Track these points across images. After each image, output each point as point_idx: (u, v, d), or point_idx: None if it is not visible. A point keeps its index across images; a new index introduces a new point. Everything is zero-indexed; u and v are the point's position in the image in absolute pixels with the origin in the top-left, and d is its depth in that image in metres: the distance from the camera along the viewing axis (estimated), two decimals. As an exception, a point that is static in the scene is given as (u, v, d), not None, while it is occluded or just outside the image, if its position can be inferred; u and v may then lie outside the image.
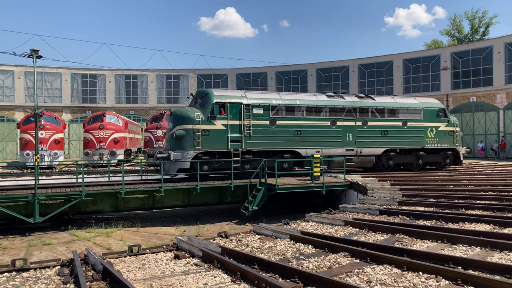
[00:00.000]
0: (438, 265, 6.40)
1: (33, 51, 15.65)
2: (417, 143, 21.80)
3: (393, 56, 42.06)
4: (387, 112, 21.39)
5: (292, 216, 14.58)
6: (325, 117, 20.02)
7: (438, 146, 22.28)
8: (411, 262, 6.65)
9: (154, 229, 15.57)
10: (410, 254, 7.17)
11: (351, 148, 20.39)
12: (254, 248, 8.59)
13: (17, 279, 6.82)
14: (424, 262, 6.61)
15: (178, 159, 17.36)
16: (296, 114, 19.45)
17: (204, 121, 17.68)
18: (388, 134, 21.18)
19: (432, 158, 22.42)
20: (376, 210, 12.00)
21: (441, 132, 22.39)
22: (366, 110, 20.90)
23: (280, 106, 19.12)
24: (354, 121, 20.54)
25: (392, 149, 21.34)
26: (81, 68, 45.57)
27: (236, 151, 18.12)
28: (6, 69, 43.14)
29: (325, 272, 6.64)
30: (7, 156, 40.95)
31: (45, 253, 12.04)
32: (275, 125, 18.93)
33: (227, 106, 18.10)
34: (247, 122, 18.31)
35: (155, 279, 6.66)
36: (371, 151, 20.77)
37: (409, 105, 21.97)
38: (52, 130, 27.90)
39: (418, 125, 21.93)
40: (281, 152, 19.11)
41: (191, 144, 17.48)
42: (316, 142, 19.61)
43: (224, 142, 17.97)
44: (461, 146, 23.20)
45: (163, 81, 48.22)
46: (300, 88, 45.44)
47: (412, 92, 40.27)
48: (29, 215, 14.72)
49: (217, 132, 17.88)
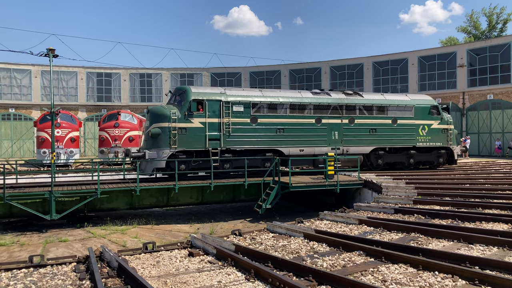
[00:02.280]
0: (455, 265, 6.32)
1: (50, 50, 15.87)
2: (407, 142, 21.02)
3: (408, 53, 41.60)
4: (376, 110, 20.65)
5: (305, 214, 14.56)
6: (310, 114, 19.35)
7: (431, 144, 21.51)
8: (427, 261, 6.58)
9: (169, 227, 15.67)
10: (425, 253, 7.09)
11: (337, 146, 19.73)
12: (268, 246, 8.59)
13: (34, 275, 6.92)
14: (440, 261, 6.53)
15: (154, 158, 16.95)
16: (279, 111, 18.84)
17: (180, 119, 17.18)
18: (376, 132, 20.48)
19: (425, 157, 21.65)
20: (391, 208, 11.91)
21: (433, 130, 21.61)
22: (353, 107, 20.17)
23: (262, 103, 18.53)
24: (340, 119, 19.86)
25: (381, 148, 20.63)
26: (96, 67, 46.00)
27: (215, 150, 17.59)
28: (24, 68, 43.78)
29: (339, 270, 6.61)
30: (24, 154, 41.59)
31: (61, 249, 12.20)
32: (256, 123, 18.36)
33: (205, 103, 17.55)
34: (227, 120, 17.76)
35: (169, 276, 6.70)
36: (359, 150, 19.97)
37: (399, 102, 21.25)
38: (68, 128, 28.25)
39: (409, 122, 21.17)
40: (262, 151, 18.56)
41: (167, 143, 17.00)
42: (300, 141, 19.05)
43: (202, 141, 17.47)
44: (455, 145, 22.42)
45: (177, 80, 48.44)
46: (314, 85, 45.24)
47: (427, 90, 39.81)
48: (46, 212, 14.93)
49: (194, 131, 17.38)
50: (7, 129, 42.37)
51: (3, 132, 42.20)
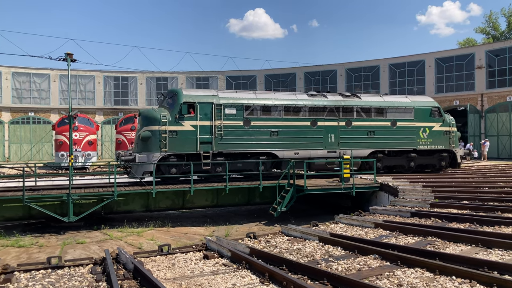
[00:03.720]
0: (472, 270, 6.23)
1: (68, 55, 16.09)
2: (407, 144, 20.48)
3: (425, 55, 41.15)
4: (374, 112, 20.17)
5: (321, 217, 14.48)
6: (305, 117, 18.98)
7: (432, 147, 20.99)
8: (444, 265, 6.49)
9: (184, 229, 15.74)
10: (442, 258, 6.99)
11: (334, 149, 19.27)
12: (282, 249, 8.58)
13: (52, 276, 7.03)
14: (457, 266, 6.44)
15: (144, 161, 16.68)
16: (273, 114, 18.51)
17: (171, 121, 16.94)
18: (375, 135, 20.04)
19: (426, 160, 21.10)
20: (407, 212, 11.78)
21: (435, 132, 21.03)
22: (350, 109, 19.72)
23: (255, 106, 18.21)
24: (337, 121, 19.42)
25: (380, 151, 20.11)
26: (113, 71, 46.58)
27: (207, 154, 17.31)
28: (43, 73, 44.59)
29: (354, 274, 6.56)
30: (43, 157, 42.28)
31: (78, 251, 12.36)
32: (249, 126, 18.03)
33: (196, 106, 17.30)
34: (219, 122, 17.50)
35: (184, 279, 6.74)
36: (356, 153, 19.32)
37: (399, 104, 20.72)
38: (85, 131, 28.67)
39: (409, 125, 20.63)
40: (256, 154, 18.23)
41: (157, 146, 16.74)
42: (295, 144, 18.66)
43: (193, 144, 17.17)
44: (458, 148, 21.79)
45: (193, 83, 48.74)
46: (329, 88, 45.06)
47: (444, 92, 39.33)
48: (63, 214, 15.15)
49: (185, 134, 17.10)
50: (26, 133, 43.16)
51: (23, 135, 43.00)
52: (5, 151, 42.28)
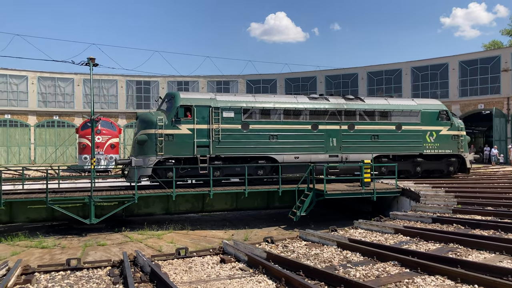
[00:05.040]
0: (496, 278, 6.04)
1: (90, 60, 16.39)
2: (413, 149, 19.94)
3: (449, 58, 40.41)
4: (378, 115, 19.71)
5: (340, 222, 14.33)
6: (305, 120, 18.69)
7: (439, 152, 20.27)
8: (466, 273, 6.32)
9: (204, 232, 15.80)
10: (464, 265, 6.81)
11: (335, 154, 18.93)
12: (300, 254, 8.50)
13: (71, 278, 7.13)
14: (480, 274, 6.25)
15: (140, 165, 16.61)
16: (272, 117, 18.28)
17: (167, 125, 16.87)
18: (379, 139, 19.50)
19: (433, 165, 20.45)
20: (429, 218, 11.54)
21: (442, 136, 20.36)
22: (353, 112, 19.32)
23: (254, 109, 18.01)
24: (339, 125, 19.08)
25: (384, 155, 19.59)
26: (135, 75, 47.25)
27: (204, 157, 17.19)
28: (67, 77, 45.56)
29: (372, 281, 6.45)
30: (67, 159, 43.11)
31: (99, 253, 12.52)
32: (247, 130, 17.86)
33: (193, 109, 17.20)
34: (216, 126, 17.36)
35: (200, 283, 6.73)
36: (359, 157, 18.73)
37: (404, 107, 20.16)
38: (108, 135, 29.10)
39: (415, 128, 20.08)
40: (254, 158, 18.06)
41: (153, 150, 16.68)
42: (295, 148, 18.41)
43: (190, 148, 17.07)
44: (467, 152, 21.01)
45: (213, 87, 49.03)
46: (350, 92, 44.68)
47: (469, 96, 38.52)
48: (85, 216, 15.40)
49: (182, 137, 17.01)
50: (51, 136, 44.12)
51: (48, 139, 43.97)
52: (30, 153, 43.30)
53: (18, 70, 43.92)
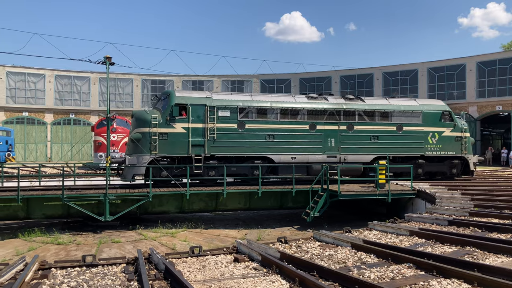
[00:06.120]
0: (514, 283, 5.94)
1: (106, 58, 16.51)
2: (415, 150, 19.55)
3: (466, 58, 39.91)
4: (378, 115, 19.33)
5: (354, 223, 14.23)
6: (303, 120, 18.40)
7: (442, 153, 19.86)
8: (483, 277, 6.22)
9: (217, 231, 15.83)
10: (481, 269, 6.71)
11: (334, 154, 18.58)
12: (313, 255, 8.47)
13: (86, 274, 7.21)
14: (497, 278, 6.15)
15: (134, 163, 16.55)
16: (269, 117, 18.02)
17: (162, 124, 16.72)
18: (379, 140, 19.14)
19: (435, 167, 20.05)
20: (445, 220, 11.40)
21: (445, 138, 19.94)
22: (352, 112, 18.98)
23: (250, 108, 17.78)
24: (337, 125, 18.76)
25: (384, 157, 19.03)
26: (150, 74, 47.61)
27: (198, 157, 17.03)
28: (83, 76, 46.14)
29: (387, 283, 6.40)
30: (82, 157, 43.66)
31: (114, 250, 12.63)
32: (243, 129, 17.62)
33: (188, 108, 17.03)
34: (211, 125, 17.16)
35: (214, 281, 6.75)
36: (358, 158, 18.70)
37: (405, 107, 19.76)
38: (123, 133, 29.35)
39: (417, 129, 19.67)
40: (250, 158, 17.81)
41: (147, 149, 16.53)
42: (292, 148, 18.12)
43: (184, 147, 16.89)
44: (471, 154, 20.49)
45: (228, 86, 49.17)
46: (366, 92, 44.41)
47: (486, 97, 38.01)
48: (100, 214, 15.55)
49: (176, 136, 16.84)
50: (67, 133, 44.71)
51: (64, 136, 44.57)
52: (47, 151, 43.94)
53: (36, 69, 44.62)
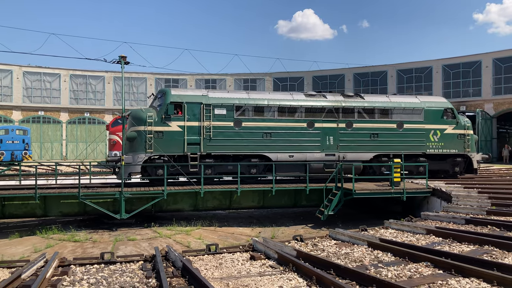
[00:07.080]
0: (534, 282, 5.86)
1: (121, 58, 16.62)
2: (416, 148, 19.17)
3: (482, 55, 39.35)
4: (378, 113, 19.05)
5: (369, 222, 14.16)
6: (301, 118, 18.21)
7: (444, 151, 19.45)
8: (503, 277, 6.16)
9: (231, 229, 15.89)
10: (501, 268, 6.64)
11: (332, 152, 18.39)
12: (330, 253, 8.46)
13: (105, 271, 7.30)
14: (517, 277, 6.08)
15: (129, 162, 16.44)
16: (266, 115, 17.86)
17: (157, 122, 16.67)
18: (378, 138, 18.84)
19: (437, 165, 19.57)
20: (462, 219, 11.29)
21: (447, 135, 19.53)
22: (351, 110, 18.72)
23: (247, 106, 17.64)
24: (336, 123, 18.51)
25: (385, 155, 18.87)
26: (164, 73, 47.84)
27: (194, 155, 16.92)
28: (98, 75, 46.60)
29: (405, 281, 6.36)
30: (97, 155, 44.09)
31: (129, 248, 12.75)
32: (240, 127, 17.52)
33: (184, 106, 16.93)
34: (208, 123, 17.05)
35: (231, 279, 6.78)
36: (357, 157, 18.43)
37: (406, 105, 19.40)
38: (137, 132, 29.47)
39: (418, 127, 19.31)
40: (247, 156, 17.68)
41: (142, 147, 16.48)
42: (289, 146, 17.95)
43: (180, 145, 16.83)
44: (474, 152, 20.04)
45: (241, 85, 49.21)
46: (379, 90, 44.09)
47: (503, 94, 37.46)
48: (116, 212, 15.72)
49: (172, 134, 16.78)
50: (82, 132, 45.22)
51: (79, 135, 45.09)
52: (62, 149, 44.48)
53: (52, 68, 45.18)
